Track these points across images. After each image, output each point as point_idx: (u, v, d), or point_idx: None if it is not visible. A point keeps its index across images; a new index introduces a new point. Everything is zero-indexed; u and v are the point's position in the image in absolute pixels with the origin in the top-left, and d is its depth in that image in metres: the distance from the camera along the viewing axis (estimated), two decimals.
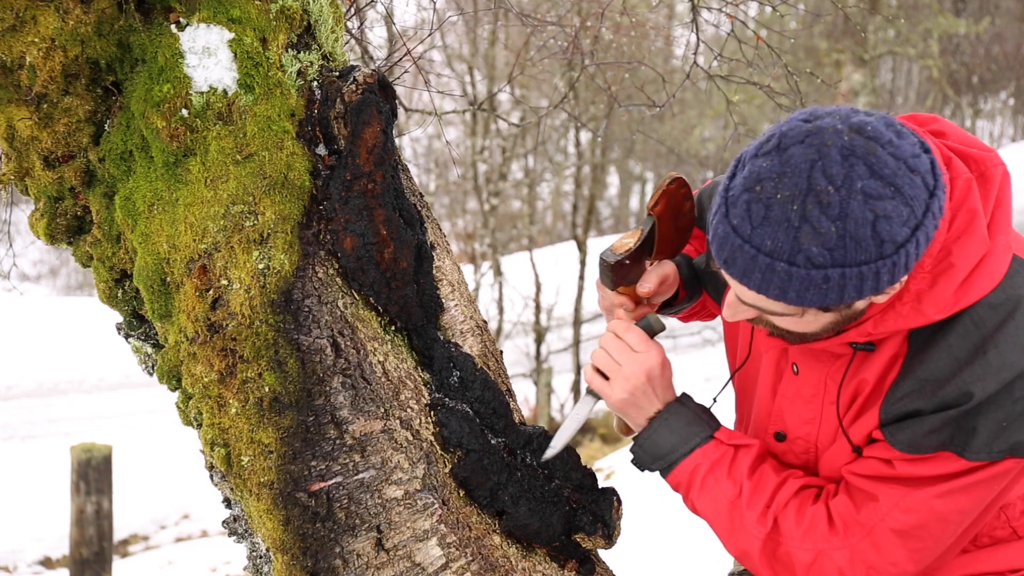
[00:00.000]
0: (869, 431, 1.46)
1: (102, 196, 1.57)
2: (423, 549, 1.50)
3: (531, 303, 12.71)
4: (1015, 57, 19.14)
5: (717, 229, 1.29)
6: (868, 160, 1.20)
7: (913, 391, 1.38)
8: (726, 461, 1.56)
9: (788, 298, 1.26)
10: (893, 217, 1.20)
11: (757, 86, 3.64)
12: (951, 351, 1.36)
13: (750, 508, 1.53)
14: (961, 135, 1.45)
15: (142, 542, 8.76)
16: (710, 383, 11.71)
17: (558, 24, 4.42)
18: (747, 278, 1.28)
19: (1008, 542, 1.55)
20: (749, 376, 1.69)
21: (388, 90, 1.59)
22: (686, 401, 1.62)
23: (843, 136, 1.21)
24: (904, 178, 1.21)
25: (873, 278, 1.23)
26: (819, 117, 1.25)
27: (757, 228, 1.24)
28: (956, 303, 1.34)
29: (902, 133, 1.24)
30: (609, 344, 1.60)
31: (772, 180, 1.23)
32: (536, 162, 15.78)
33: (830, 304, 1.27)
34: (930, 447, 1.38)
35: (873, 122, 1.24)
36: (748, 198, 1.25)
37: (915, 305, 1.35)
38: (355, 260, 1.51)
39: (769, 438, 1.63)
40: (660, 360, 1.59)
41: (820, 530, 1.49)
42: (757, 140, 1.30)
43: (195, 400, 1.51)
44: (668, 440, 1.59)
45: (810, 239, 1.20)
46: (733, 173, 1.30)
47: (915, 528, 1.43)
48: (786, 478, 1.55)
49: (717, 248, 1.30)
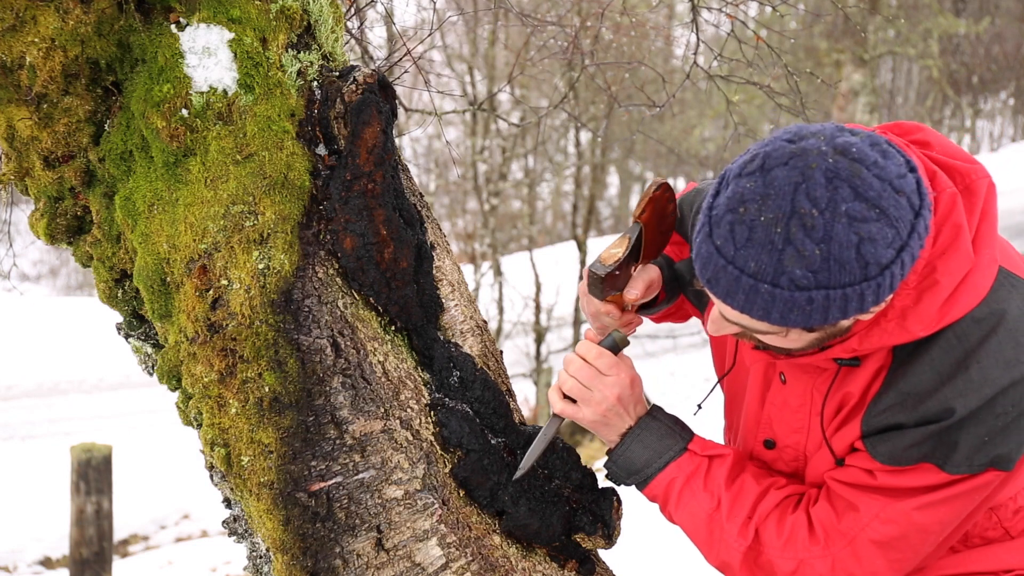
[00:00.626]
0: (851, 441, 1.46)
1: (102, 196, 1.57)
2: (423, 549, 1.50)
3: (531, 303, 12.71)
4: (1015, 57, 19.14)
5: (700, 248, 1.29)
6: (853, 182, 1.19)
7: (895, 404, 1.38)
8: (701, 473, 1.56)
9: (771, 319, 1.26)
10: (878, 239, 1.19)
11: (757, 86, 3.64)
12: (934, 365, 1.35)
13: (730, 520, 1.52)
14: (946, 145, 1.44)
15: (142, 542, 8.76)
16: (710, 383, 11.72)
17: (558, 24, 4.42)
18: (730, 298, 1.27)
19: (1000, 542, 1.55)
20: (738, 382, 1.69)
21: (388, 90, 1.59)
22: (658, 414, 1.61)
23: (827, 158, 1.20)
24: (889, 200, 1.20)
25: (858, 299, 1.22)
26: (803, 138, 1.24)
27: (740, 249, 1.23)
28: (941, 319, 1.33)
29: (887, 153, 1.23)
30: (577, 371, 1.59)
31: (756, 202, 1.22)
32: (536, 162, 15.79)
33: (814, 325, 1.26)
34: (911, 460, 1.38)
35: (858, 143, 1.22)
36: (732, 219, 1.24)
37: (900, 322, 1.34)
38: (355, 260, 1.51)
39: (759, 445, 1.63)
40: (630, 379, 1.58)
41: (800, 538, 1.48)
42: (741, 158, 1.28)
43: (195, 400, 1.51)
44: (641, 455, 1.58)
45: (794, 261, 1.20)
46: (717, 191, 1.29)
47: (895, 539, 1.43)
48: (767, 488, 1.55)
49: (700, 267, 1.29)
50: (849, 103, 11.59)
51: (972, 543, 1.55)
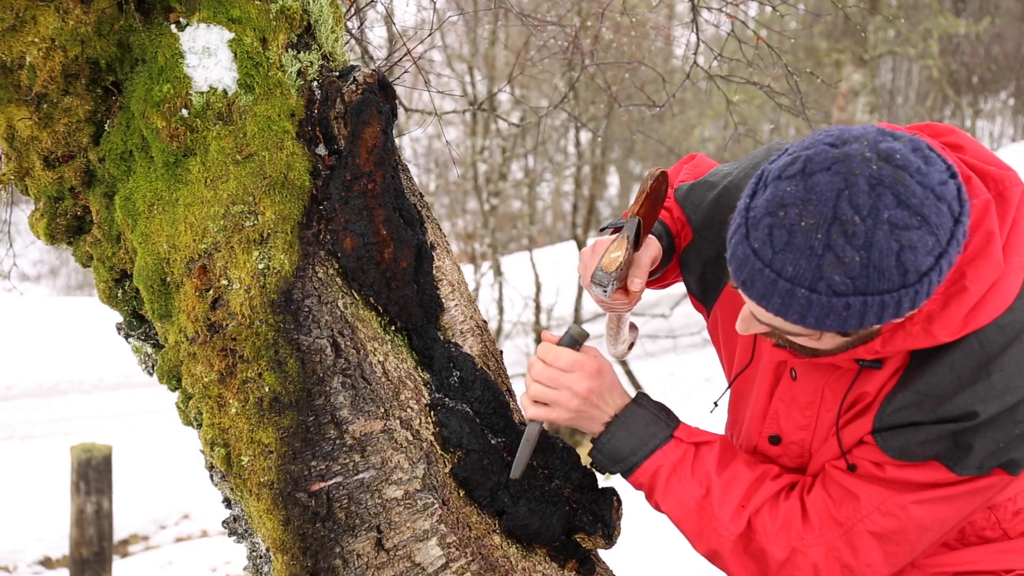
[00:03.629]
0: (860, 436, 1.46)
1: (102, 196, 1.57)
2: (423, 549, 1.50)
3: (531, 303, 12.71)
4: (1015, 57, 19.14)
5: (736, 250, 1.27)
6: (896, 189, 1.18)
7: (912, 404, 1.37)
8: (688, 460, 1.55)
9: (807, 323, 1.25)
10: (918, 247, 1.18)
11: (757, 86, 3.64)
12: (954, 368, 1.34)
13: (722, 507, 1.52)
14: (978, 150, 1.43)
15: (142, 542, 8.76)
16: (710, 383, 11.72)
17: (558, 24, 4.42)
18: (766, 301, 1.26)
19: (999, 542, 1.55)
20: (746, 378, 1.68)
21: (388, 90, 1.59)
22: (643, 401, 1.60)
23: (871, 164, 1.19)
24: (931, 207, 1.19)
25: (894, 306, 1.21)
26: (846, 142, 1.22)
27: (779, 253, 1.22)
28: (966, 326, 1.33)
29: (929, 159, 1.22)
30: (540, 374, 1.58)
31: (796, 206, 1.20)
32: (536, 162, 15.78)
33: (849, 329, 1.25)
34: (922, 456, 1.38)
35: (901, 149, 1.21)
36: (771, 222, 1.22)
37: (925, 326, 1.33)
38: (355, 260, 1.51)
39: (763, 441, 1.62)
40: (596, 370, 1.57)
41: (794, 526, 1.48)
42: (780, 160, 1.27)
43: (195, 400, 1.51)
44: (627, 443, 1.58)
45: (833, 268, 1.19)
46: (754, 192, 1.28)
47: (893, 532, 1.42)
48: (760, 476, 1.54)
49: (736, 269, 1.28)
50: (849, 103, 11.59)
51: (968, 541, 1.55)
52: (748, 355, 1.66)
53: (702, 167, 1.85)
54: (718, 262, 1.68)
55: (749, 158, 1.71)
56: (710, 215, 1.69)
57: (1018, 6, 17.69)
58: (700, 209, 1.71)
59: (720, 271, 1.68)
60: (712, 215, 1.68)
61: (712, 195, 1.70)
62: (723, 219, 1.62)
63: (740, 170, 1.69)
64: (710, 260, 1.70)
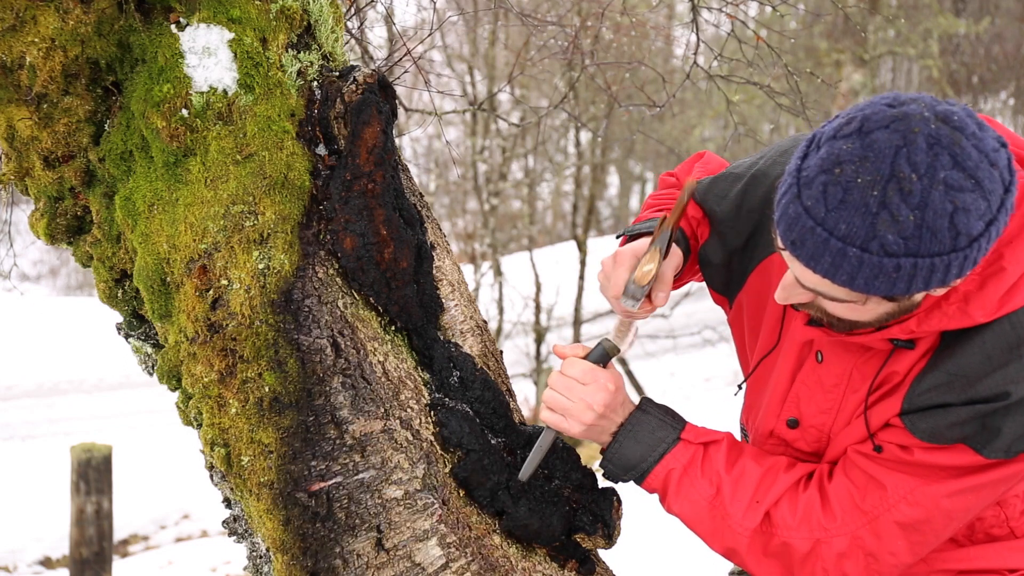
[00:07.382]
0: (887, 418, 1.45)
1: (102, 196, 1.58)
2: (423, 549, 1.50)
3: (531, 303, 12.70)
4: (1015, 57, 19.12)
5: (788, 209, 1.26)
6: (953, 150, 1.17)
7: (942, 384, 1.37)
8: (697, 461, 1.55)
9: (856, 285, 1.24)
10: (971, 210, 1.18)
11: (757, 86, 3.64)
12: (985, 349, 1.34)
13: (733, 503, 1.51)
14: (1014, 136, 1.43)
15: (142, 542, 8.76)
16: (710, 383, 11.73)
17: (558, 24, 4.42)
18: (815, 261, 1.25)
19: (1006, 540, 1.55)
20: (768, 364, 1.67)
21: (388, 90, 1.59)
22: (647, 407, 1.61)
23: (930, 124, 1.19)
24: (985, 171, 1.19)
25: (943, 270, 1.21)
26: (904, 103, 1.22)
27: (832, 211, 1.20)
28: (1002, 307, 1.32)
29: (983, 126, 1.22)
30: (558, 384, 1.59)
31: (853, 163, 1.19)
32: (536, 162, 15.77)
33: (897, 294, 1.24)
34: (951, 438, 1.37)
35: (959, 112, 1.21)
36: (825, 179, 1.21)
37: (961, 306, 1.33)
38: (355, 260, 1.51)
39: (781, 424, 1.61)
40: (611, 386, 1.58)
41: (815, 516, 1.47)
42: (834, 122, 1.26)
43: (195, 400, 1.51)
44: (635, 451, 1.58)
45: (887, 226, 1.18)
46: (805, 154, 1.27)
47: (920, 522, 1.42)
48: (770, 469, 1.54)
49: (785, 228, 1.26)
50: (849, 103, 11.58)
51: (976, 538, 1.55)
52: (774, 339, 1.65)
53: (712, 164, 1.86)
54: (745, 250, 1.67)
55: (774, 148, 1.71)
56: (737, 205, 1.68)
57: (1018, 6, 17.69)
58: (726, 201, 1.70)
59: (747, 259, 1.68)
60: (739, 205, 1.67)
61: (739, 186, 1.69)
62: (751, 207, 1.63)
63: (766, 159, 1.69)
64: (736, 249, 1.69)
